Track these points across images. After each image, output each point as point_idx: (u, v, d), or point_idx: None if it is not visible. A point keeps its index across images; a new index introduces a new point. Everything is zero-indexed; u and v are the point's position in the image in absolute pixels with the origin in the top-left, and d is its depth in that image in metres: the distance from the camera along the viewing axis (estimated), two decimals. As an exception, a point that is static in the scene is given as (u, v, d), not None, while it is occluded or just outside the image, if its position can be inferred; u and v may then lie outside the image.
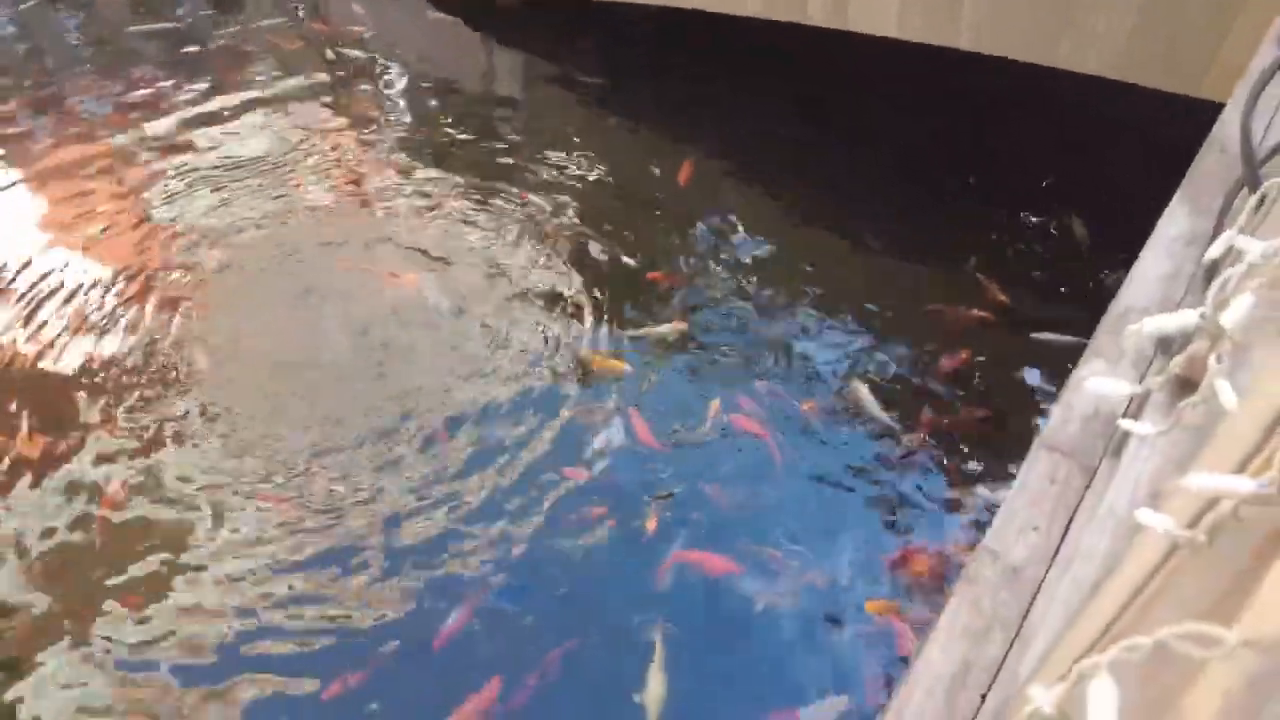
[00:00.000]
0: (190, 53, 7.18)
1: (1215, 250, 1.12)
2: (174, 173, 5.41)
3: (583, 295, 4.21)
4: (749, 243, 4.52)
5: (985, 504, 3.11)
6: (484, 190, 5.05)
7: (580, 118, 5.84)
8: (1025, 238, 4.48)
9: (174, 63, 6.98)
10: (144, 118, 6.06)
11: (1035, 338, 3.84)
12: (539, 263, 4.47)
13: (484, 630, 2.83)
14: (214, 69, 6.80)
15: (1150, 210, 2.27)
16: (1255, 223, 1.51)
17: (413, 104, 6.23)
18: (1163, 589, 0.79)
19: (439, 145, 5.64)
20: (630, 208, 4.86)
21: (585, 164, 5.26)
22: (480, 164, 5.31)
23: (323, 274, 4.46)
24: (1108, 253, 3.96)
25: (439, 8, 7.32)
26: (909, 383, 3.73)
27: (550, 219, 4.80)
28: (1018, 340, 3.81)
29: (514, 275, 4.38)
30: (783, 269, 4.35)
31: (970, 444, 3.42)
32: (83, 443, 3.50)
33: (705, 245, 4.53)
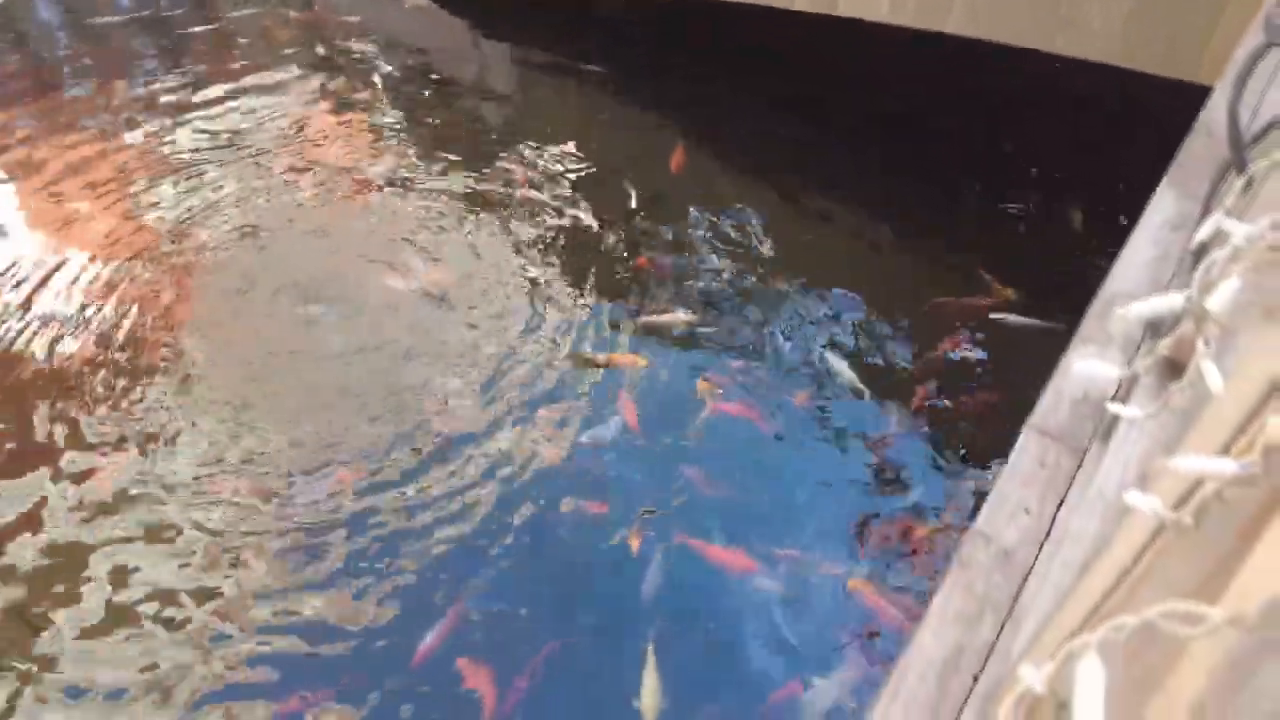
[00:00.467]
0: (177, 41, 7.10)
1: (1203, 233, 1.13)
2: (158, 161, 5.36)
3: (585, 287, 4.21)
4: (749, 238, 4.52)
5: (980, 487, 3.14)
6: (481, 187, 5.02)
7: (580, 116, 5.81)
8: (1026, 231, 4.49)
9: (160, 50, 6.91)
10: (128, 107, 5.99)
11: (994, 318, 3.90)
12: (539, 257, 4.45)
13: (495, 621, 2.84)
14: (200, 57, 6.73)
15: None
16: (1242, 206, 1.52)
17: (409, 99, 6.17)
18: (1149, 570, 0.80)
19: (432, 139, 5.60)
20: (629, 203, 4.85)
21: (584, 161, 5.23)
22: (477, 162, 5.27)
23: (313, 267, 4.43)
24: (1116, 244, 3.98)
25: (443, 6, 7.24)
26: (907, 368, 3.74)
27: (549, 214, 4.78)
28: (1017, 330, 3.83)
29: (514, 270, 4.37)
30: (783, 265, 4.34)
31: (972, 429, 3.45)
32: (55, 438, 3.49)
33: (706, 241, 4.52)
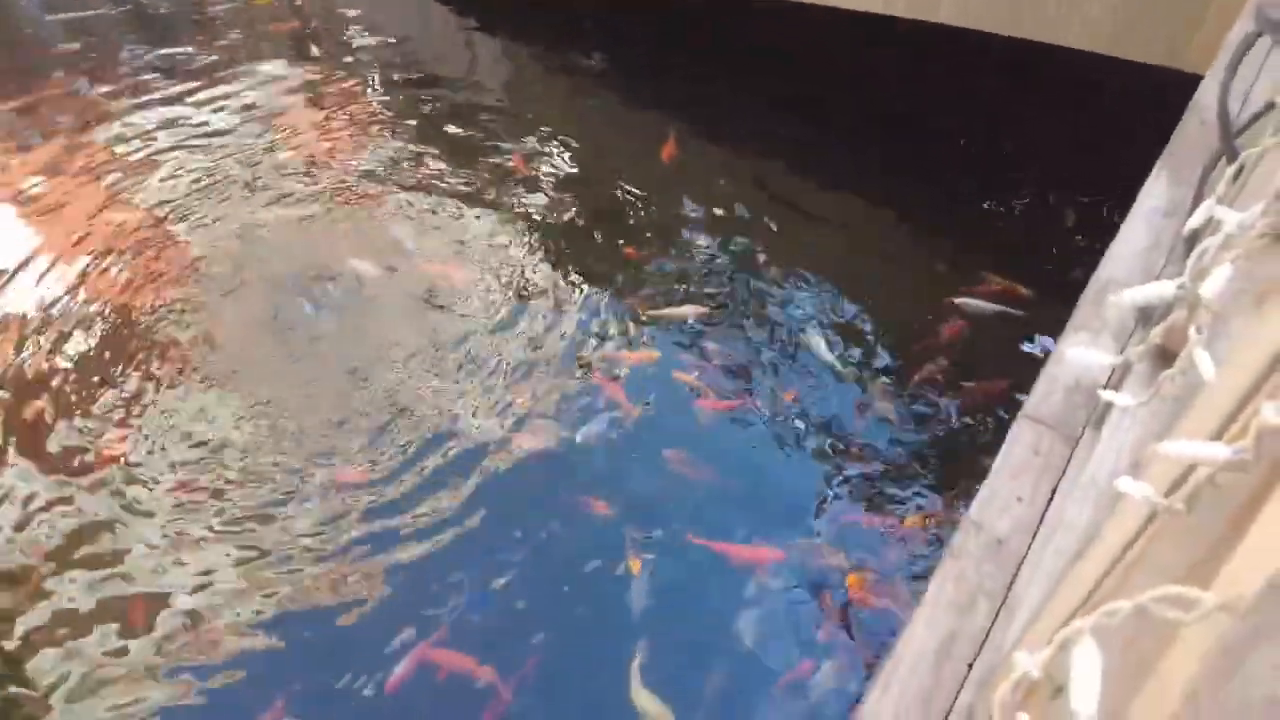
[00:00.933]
0: (164, 33, 7.03)
1: (1195, 221, 1.13)
2: (141, 154, 5.32)
3: (585, 286, 4.20)
4: (749, 237, 4.51)
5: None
6: (477, 182, 4.99)
7: (579, 116, 5.77)
8: (1025, 228, 4.49)
9: (149, 42, 6.84)
10: (117, 98, 5.94)
11: (957, 301, 3.95)
12: (538, 255, 4.42)
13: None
14: (189, 48, 6.67)
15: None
16: (1233, 193, 1.52)
17: (401, 93, 6.12)
18: (1142, 556, 0.81)
19: (425, 133, 5.55)
20: (629, 201, 4.83)
21: (584, 161, 5.20)
22: (473, 159, 5.23)
23: (299, 261, 4.40)
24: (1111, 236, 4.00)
25: (442, 2, 7.18)
26: (907, 362, 3.75)
27: (548, 211, 4.76)
28: (1015, 322, 3.85)
29: (511, 266, 4.35)
30: (783, 264, 4.33)
31: (972, 419, 3.47)
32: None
33: (705, 239, 4.50)
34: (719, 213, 4.69)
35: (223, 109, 5.84)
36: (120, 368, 3.81)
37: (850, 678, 2.68)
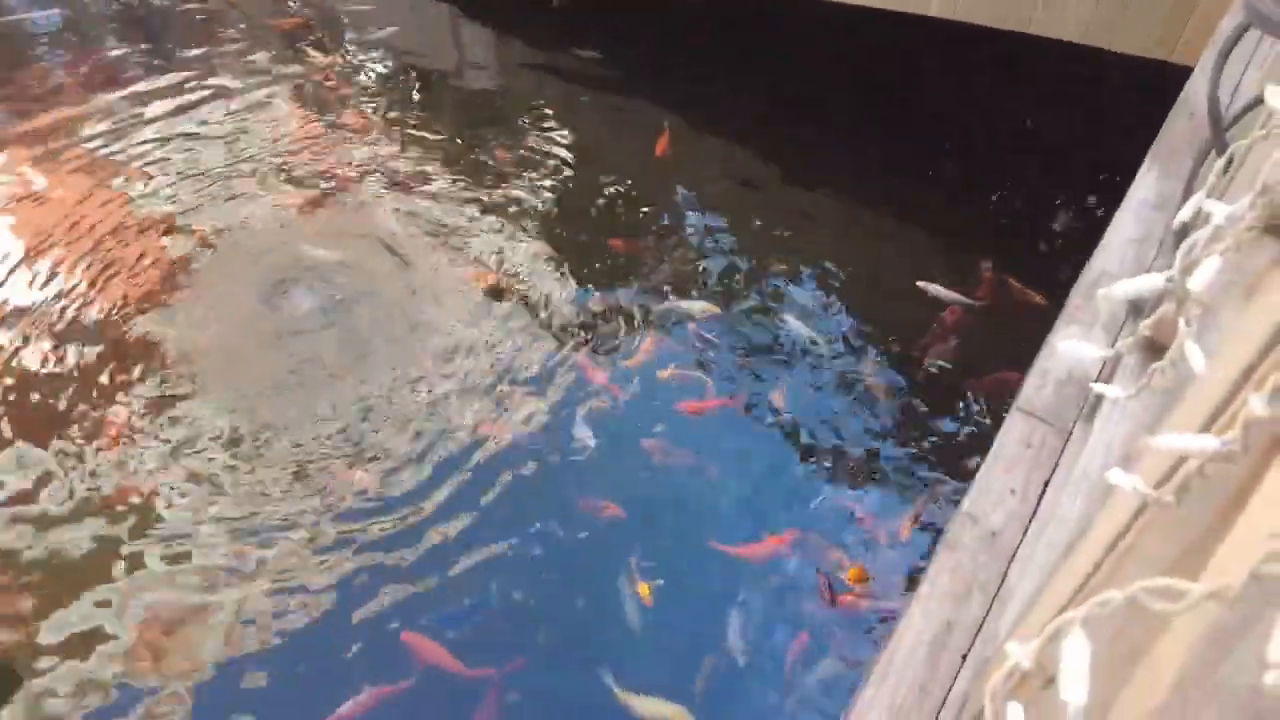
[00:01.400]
0: (156, 27, 6.98)
1: (1184, 214, 1.13)
2: (139, 151, 5.28)
3: (585, 283, 4.19)
4: (749, 237, 4.51)
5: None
6: (475, 179, 4.98)
7: (578, 116, 5.75)
8: (1024, 225, 4.50)
9: (139, 38, 6.79)
10: (108, 95, 5.89)
11: (920, 285, 4.01)
12: (535, 253, 4.42)
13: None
14: (181, 43, 6.62)
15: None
16: (1222, 186, 1.53)
17: (398, 90, 6.09)
18: (1133, 547, 0.82)
19: (421, 131, 5.52)
20: (628, 199, 4.82)
21: (583, 160, 5.19)
22: (470, 157, 5.21)
23: (291, 258, 4.38)
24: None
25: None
26: (905, 356, 3.77)
27: (546, 209, 4.76)
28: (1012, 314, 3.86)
29: (512, 263, 4.35)
30: (783, 263, 4.33)
31: (971, 412, 3.49)
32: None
33: (704, 237, 4.49)
34: (719, 211, 4.69)
35: (214, 105, 5.80)
36: (103, 367, 3.78)
37: (847, 669, 2.70)
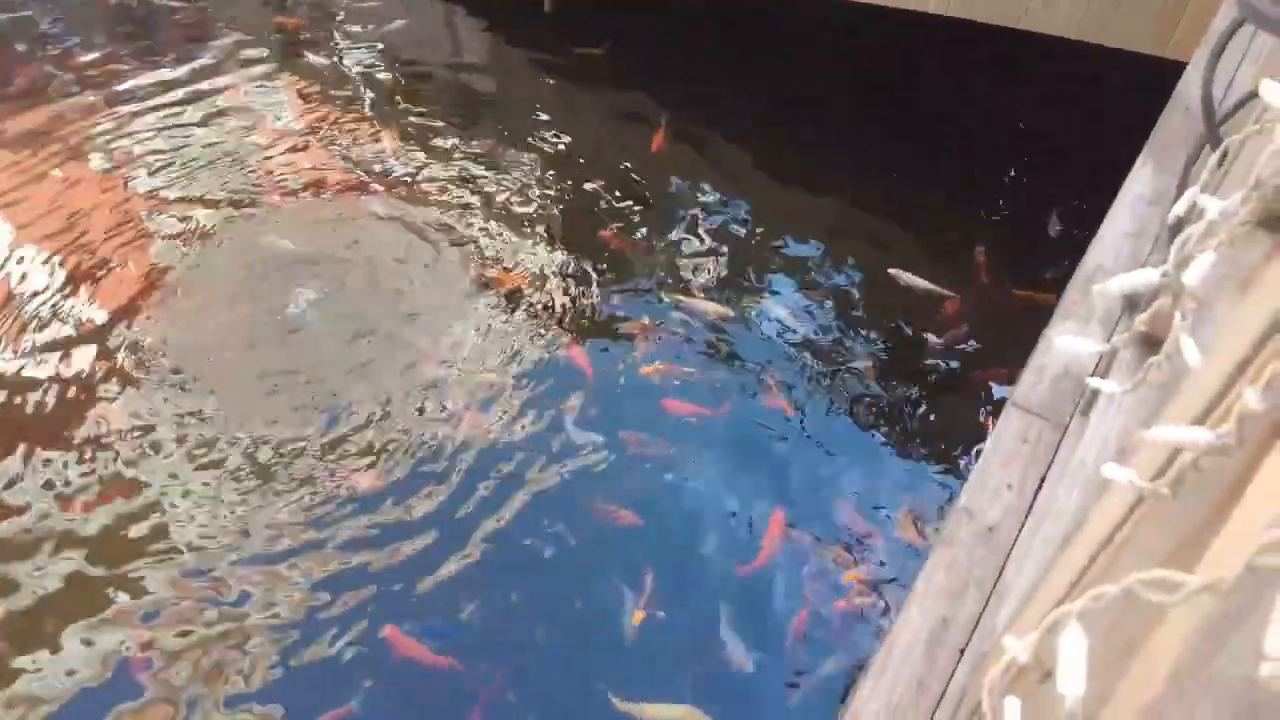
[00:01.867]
0: (147, 23, 6.95)
1: (1179, 208, 1.13)
2: (132, 147, 5.26)
3: (584, 282, 4.19)
4: (749, 236, 4.51)
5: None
6: (474, 178, 4.96)
7: (579, 115, 5.74)
8: (1025, 223, 4.50)
9: (135, 34, 6.77)
10: (101, 93, 5.86)
11: (891, 272, 4.06)
12: (535, 251, 4.41)
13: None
14: (173, 38, 6.59)
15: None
16: (1216, 180, 1.53)
17: (395, 88, 6.05)
18: (1128, 540, 0.82)
19: (417, 129, 5.48)
20: (628, 197, 4.82)
21: (583, 160, 5.17)
22: (471, 155, 5.20)
23: (288, 255, 4.37)
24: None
25: None
26: (905, 353, 3.78)
27: (545, 207, 4.75)
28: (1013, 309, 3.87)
29: (508, 259, 4.35)
30: (783, 261, 4.34)
31: (970, 406, 3.50)
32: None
33: (703, 236, 4.49)
34: (719, 211, 4.69)
35: (208, 102, 5.76)
36: (90, 364, 3.77)
37: (846, 665, 2.70)
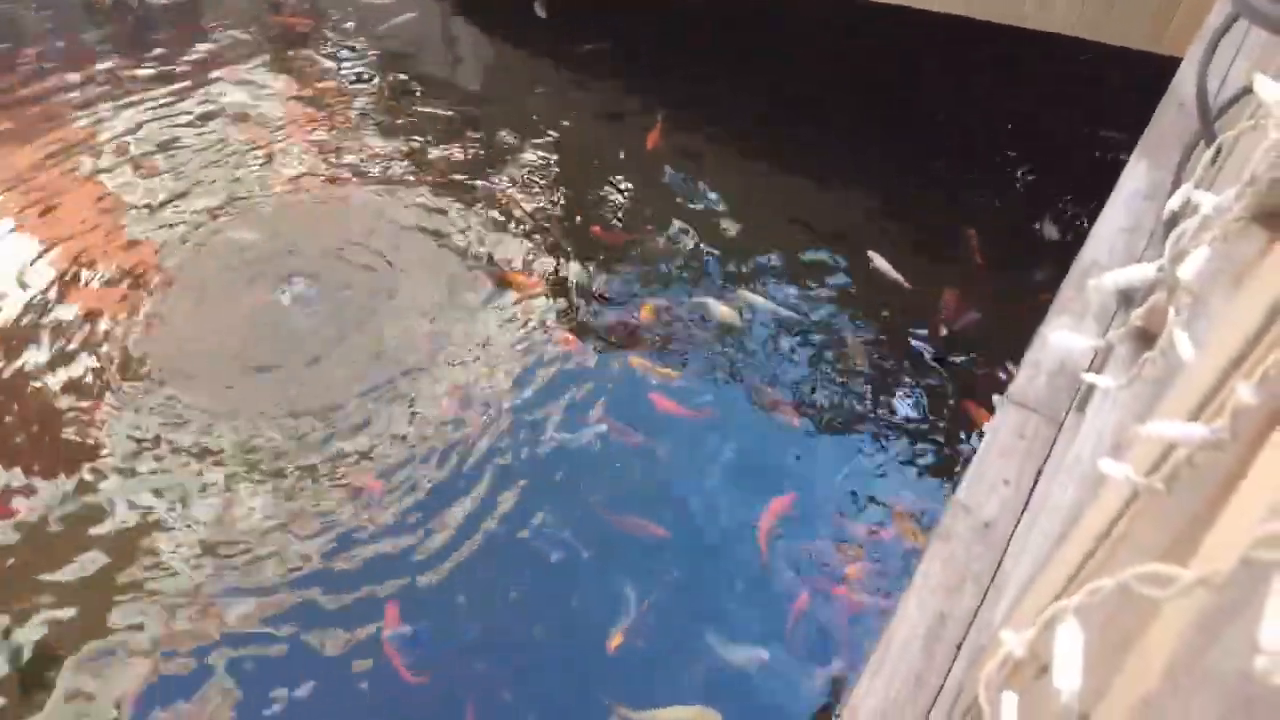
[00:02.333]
0: (141, 22, 6.92)
1: (1173, 204, 1.14)
2: (125, 147, 5.25)
3: (586, 281, 4.19)
4: (749, 236, 4.50)
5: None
6: (471, 176, 4.95)
7: (578, 114, 5.72)
8: (1024, 222, 4.51)
9: (132, 32, 6.75)
10: (93, 90, 5.84)
11: (868, 254, 4.12)
12: (533, 252, 4.41)
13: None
14: (167, 38, 6.56)
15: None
16: (1211, 176, 1.53)
17: (394, 87, 6.03)
18: (1124, 535, 0.82)
19: (414, 129, 5.48)
20: (627, 196, 4.81)
21: (583, 157, 5.16)
22: (469, 153, 5.18)
23: (281, 257, 4.36)
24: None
25: None
26: (905, 351, 3.78)
27: (544, 205, 4.74)
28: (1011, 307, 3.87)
29: (511, 257, 4.35)
30: (783, 261, 4.33)
31: (970, 404, 3.51)
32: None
33: (704, 236, 4.49)
34: (719, 210, 4.68)
35: (205, 101, 5.75)
36: (86, 366, 3.77)
37: (846, 660, 2.71)
